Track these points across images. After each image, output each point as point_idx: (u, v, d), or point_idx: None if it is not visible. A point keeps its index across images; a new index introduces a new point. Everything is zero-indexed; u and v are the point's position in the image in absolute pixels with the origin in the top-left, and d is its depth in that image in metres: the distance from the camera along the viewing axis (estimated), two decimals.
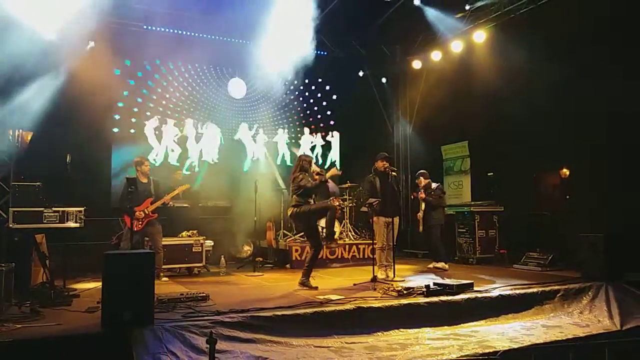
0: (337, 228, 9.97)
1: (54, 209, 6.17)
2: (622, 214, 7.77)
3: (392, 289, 6.31)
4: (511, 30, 9.66)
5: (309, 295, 6.21)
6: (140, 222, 7.65)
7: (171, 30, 10.70)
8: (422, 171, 9.36)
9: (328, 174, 7.14)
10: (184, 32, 10.79)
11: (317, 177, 7.01)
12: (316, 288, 6.75)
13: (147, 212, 7.74)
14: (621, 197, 7.92)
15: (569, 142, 8.81)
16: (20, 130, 8.84)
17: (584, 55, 8.39)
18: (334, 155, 12.68)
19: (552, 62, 8.64)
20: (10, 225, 5.95)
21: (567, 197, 9.03)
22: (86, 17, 8.39)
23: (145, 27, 10.39)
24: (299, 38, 9.92)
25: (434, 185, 9.19)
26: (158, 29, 10.58)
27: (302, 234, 9.96)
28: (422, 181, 9.21)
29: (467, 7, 10.32)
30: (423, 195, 9.07)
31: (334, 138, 12.74)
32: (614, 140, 8.12)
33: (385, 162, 7.94)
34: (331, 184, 7.49)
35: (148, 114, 10.76)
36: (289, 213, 7.13)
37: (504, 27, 9.88)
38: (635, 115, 7.75)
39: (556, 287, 6.65)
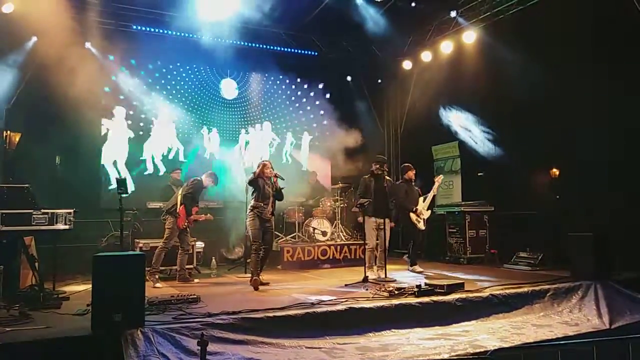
0: (328, 228, 10.02)
1: (43, 211, 6.11)
2: (611, 213, 7.83)
3: (383, 289, 6.34)
4: (501, 30, 9.73)
5: (301, 296, 6.21)
6: (186, 223, 7.80)
7: (162, 31, 10.66)
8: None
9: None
10: (175, 33, 10.75)
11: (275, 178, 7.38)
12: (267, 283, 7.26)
13: (190, 219, 7.85)
14: (610, 196, 7.98)
15: (559, 141, 8.87)
16: (9, 132, 8.81)
17: (573, 56, 8.46)
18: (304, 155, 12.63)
19: (542, 62, 8.70)
20: None
21: (557, 197, 9.09)
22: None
23: (134, 27, 10.36)
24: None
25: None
26: (150, 29, 10.54)
27: (292, 235, 10.02)
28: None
29: (453, 14, 10.40)
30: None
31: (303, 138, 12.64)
32: (604, 140, 8.18)
33: (379, 165, 8.02)
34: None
35: (143, 116, 10.78)
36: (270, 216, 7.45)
37: (494, 28, 9.96)
38: (625, 115, 7.83)
39: (546, 287, 6.70)
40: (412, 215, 8.58)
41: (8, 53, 8.87)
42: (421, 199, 8.70)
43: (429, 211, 8.75)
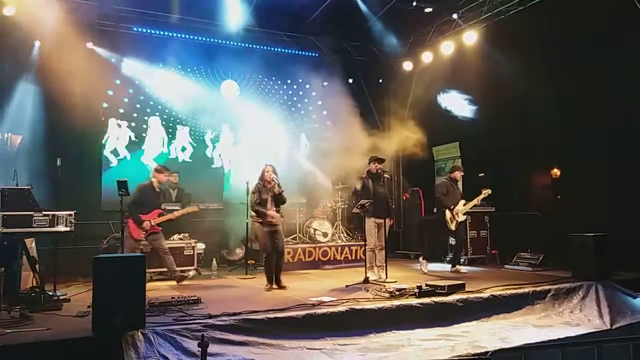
0: (329, 229, 10.02)
1: (44, 212, 6.11)
2: (611, 213, 7.82)
3: (384, 290, 6.34)
4: (501, 31, 9.73)
5: (301, 297, 6.21)
6: (143, 233, 7.56)
7: (164, 33, 10.68)
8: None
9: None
10: (176, 35, 10.77)
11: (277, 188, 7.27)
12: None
13: (152, 224, 7.61)
14: (611, 197, 7.97)
15: (560, 142, 8.87)
16: (9, 134, 8.83)
17: (572, 56, 8.47)
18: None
19: (542, 63, 8.70)
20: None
21: (558, 197, 9.09)
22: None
23: (135, 29, 10.39)
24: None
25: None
26: (151, 31, 10.57)
27: (293, 236, 10.02)
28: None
29: (455, 16, 10.41)
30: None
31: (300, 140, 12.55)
32: (603, 140, 8.18)
33: (377, 165, 8.00)
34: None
35: (146, 118, 10.80)
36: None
37: (494, 29, 9.95)
38: (625, 115, 7.83)
39: (547, 287, 6.70)
40: (447, 213, 8.54)
41: (17, 61, 8.93)
42: (462, 201, 8.65)
43: (465, 216, 8.71)
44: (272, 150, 11.97)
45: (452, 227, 8.54)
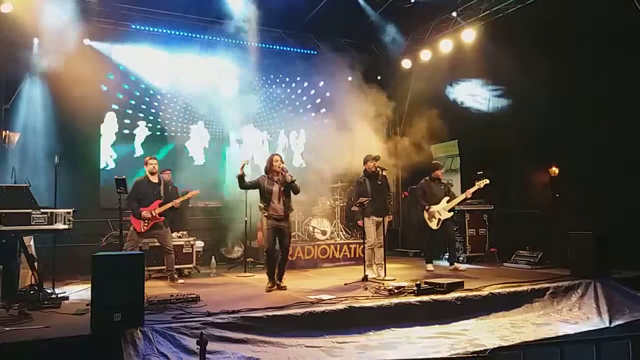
0: (327, 227, 10.01)
1: (42, 210, 6.09)
2: (610, 212, 7.83)
3: (383, 288, 6.33)
4: (500, 29, 9.73)
5: (300, 296, 6.21)
6: (145, 224, 7.49)
7: (161, 30, 10.65)
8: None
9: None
10: (174, 32, 10.75)
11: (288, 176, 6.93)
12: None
13: (153, 214, 7.52)
14: (609, 195, 7.98)
15: (558, 140, 8.87)
16: (7, 131, 8.82)
17: (571, 55, 8.47)
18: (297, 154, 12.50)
19: (541, 61, 8.70)
20: None
21: (557, 195, 9.09)
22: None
23: (133, 26, 10.36)
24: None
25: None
26: (149, 28, 10.54)
27: (292, 234, 9.98)
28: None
29: (454, 15, 10.40)
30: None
31: (299, 137, 12.56)
32: (602, 139, 8.18)
33: (374, 162, 7.98)
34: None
35: (142, 115, 10.77)
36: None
37: (493, 26, 9.95)
38: (623, 114, 7.83)
39: (546, 285, 6.71)
40: (425, 213, 8.53)
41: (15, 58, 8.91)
42: (446, 198, 8.59)
43: (451, 212, 8.61)
44: (271, 147, 12.00)
45: (433, 226, 8.49)
